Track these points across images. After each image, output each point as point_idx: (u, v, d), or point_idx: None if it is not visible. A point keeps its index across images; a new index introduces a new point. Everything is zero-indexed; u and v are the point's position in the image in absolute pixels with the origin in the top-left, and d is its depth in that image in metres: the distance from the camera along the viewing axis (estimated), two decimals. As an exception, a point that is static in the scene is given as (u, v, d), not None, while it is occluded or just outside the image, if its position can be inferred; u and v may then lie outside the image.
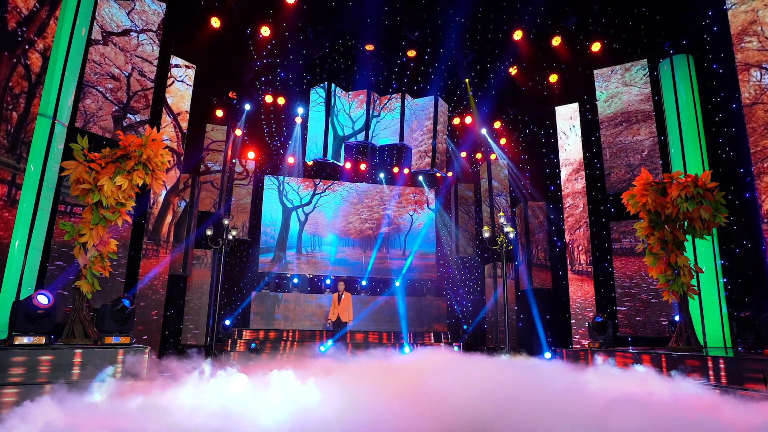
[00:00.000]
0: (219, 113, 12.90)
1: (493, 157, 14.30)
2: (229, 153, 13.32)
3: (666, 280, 7.30)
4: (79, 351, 5.26)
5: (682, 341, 7.14)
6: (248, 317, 13.36)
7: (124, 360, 5.31)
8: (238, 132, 13.76)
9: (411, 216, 16.46)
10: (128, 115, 9.14)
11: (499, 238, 9.87)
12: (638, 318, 10.09)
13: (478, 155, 15.29)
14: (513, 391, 4.49)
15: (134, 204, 6.81)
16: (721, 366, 6.01)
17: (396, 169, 16.20)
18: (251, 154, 14.55)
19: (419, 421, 3.81)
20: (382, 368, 6.71)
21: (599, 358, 7.75)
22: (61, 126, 7.60)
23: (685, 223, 7.15)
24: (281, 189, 15.69)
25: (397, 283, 15.44)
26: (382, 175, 16.38)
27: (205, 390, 4.54)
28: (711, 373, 6.09)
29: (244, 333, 12.66)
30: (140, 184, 6.59)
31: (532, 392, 4.57)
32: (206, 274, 11.99)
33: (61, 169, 6.52)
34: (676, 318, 7.52)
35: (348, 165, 15.62)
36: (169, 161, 10.00)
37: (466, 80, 12.31)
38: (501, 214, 10.33)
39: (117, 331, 5.85)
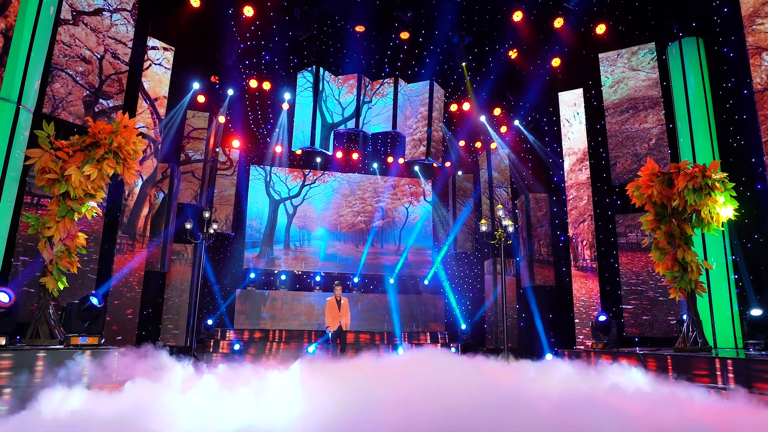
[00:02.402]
0: (200, 99, 12.79)
1: (493, 146, 14.24)
2: (212, 141, 13.21)
3: (673, 277, 7.27)
4: (42, 353, 5.19)
5: (690, 342, 7.12)
6: (232, 316, 13.31)
7: (90, 363, 5.25)
8: (222, 119, 13.64)
9: (406, 209, 16.41)
10: (100, 100, 9.03)
11: (498, 232, 9.82)
12: (645, 317, 10.08)
13: (478, 144, 15.22)
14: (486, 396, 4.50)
15: (105, 195, 6.74)
16: (729, 367, 6.00)
17: (390, 159, 16.11)
18: (236, 143, 14.45)
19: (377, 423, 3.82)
20: (359, 370, 6.69)
21: (601, 360, 7.74)
22: (26, 112, 7.49)
23: (693, 216, 7.12)
24: (268, 180, 15.61)
25: (392, 280, 15.41)
26: (375, 165, 16.30)
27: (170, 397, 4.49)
28: (719, 374, 6.08)
29: (227, 333, 12.62)
30: (111, 174, 6.51)
31: (495, 395, 4.58)
32: (186, 271, 11.92)
33: (26, 158, 6.44)
34: (685, 317, 7.50)
35: (339, 154, 15.54)
36: (144, 150, 9.92)
37: (463, 64, 12.22)
38: (500, 206, 10.28)
39: (85, 331, 5.79)
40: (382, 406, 3.98)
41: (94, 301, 5.90)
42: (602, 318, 8.62)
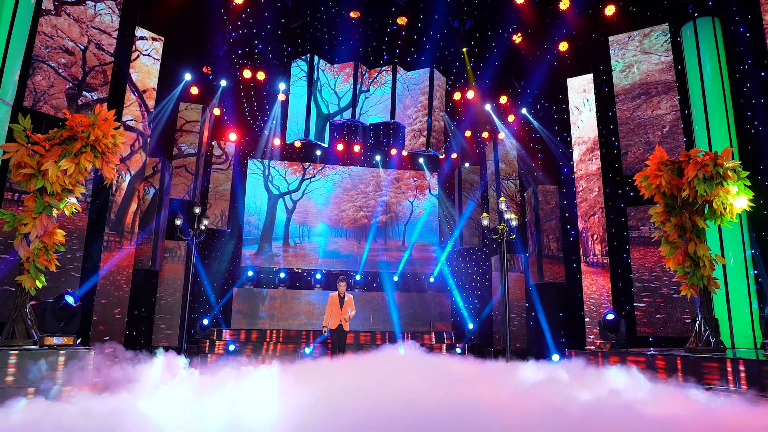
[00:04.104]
0: (194, 90, 12.79)
1: (500, 136, 14.06)
2: (205, 134, 13.21)
3: (684, 273, 7.10)
4: (14, 353, 5.21)
5: (702, 342, 6.95)
6: (229, 316, 13.32)
7: (65, 364, 5.25)
8: (216, 111, 13.63)
9: (411, 203, 16.29)
10: (84, 93, 9.06)
11: (500, 226, 9.68)
12: (658, 315, 9.90)
13: (485, 134, 15.04)
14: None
15: (84, 190, 6.74)
16: (741, 369, 5.84)
17: (393, 151, 15.98)
18: (233, 136, 14.41)
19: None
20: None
21: (608, 362, 7.59)
22: (5, 105, 7.53)
23: (705, 208, 6.93)
24: (266, 174, 15.59)
25: (395, 278, 15.32)
26: (378, 158, 16.17)
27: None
28: (730, 376, 5.93)
29: (223, 333, 12.62)
30: (89, 168, 6.51)
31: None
32: (180, 269, 11.95)
33: (3, 153, 6.46)
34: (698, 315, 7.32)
35: (340, 147, 15.45)
36: (132, 144, 9.94)
37: (464, 50, 12.04)
38: (503, 199, 10.12)
39: (60, 331, 5.80)
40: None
41: (70, 300, 5.90)
42: (610, 316, 8.45)
